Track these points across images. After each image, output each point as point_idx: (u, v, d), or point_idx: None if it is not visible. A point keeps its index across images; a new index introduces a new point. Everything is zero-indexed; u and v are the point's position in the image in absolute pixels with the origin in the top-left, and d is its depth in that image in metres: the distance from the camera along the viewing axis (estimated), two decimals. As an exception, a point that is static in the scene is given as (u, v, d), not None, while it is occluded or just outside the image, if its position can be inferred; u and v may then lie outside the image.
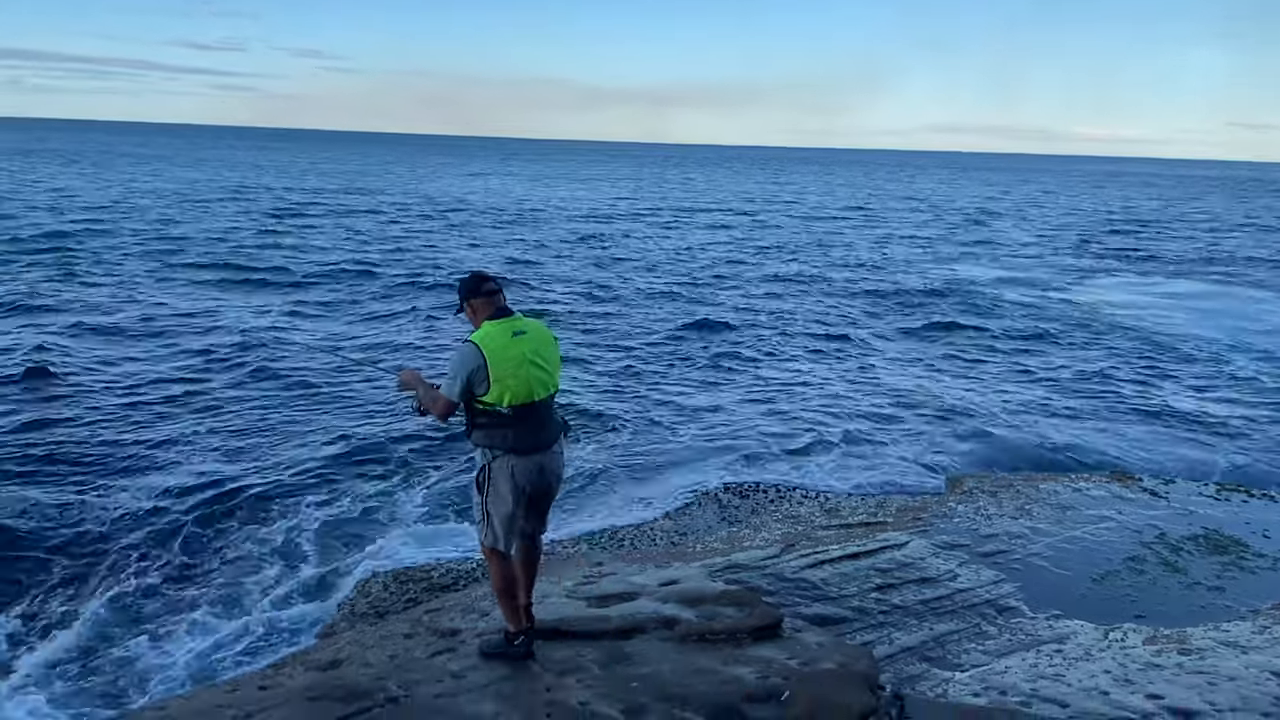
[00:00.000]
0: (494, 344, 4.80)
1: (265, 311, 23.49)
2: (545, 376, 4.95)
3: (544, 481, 5.05)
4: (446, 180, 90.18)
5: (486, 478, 4.97)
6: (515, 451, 4.90)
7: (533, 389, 4.88)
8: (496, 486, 4.95)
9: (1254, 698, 5.74)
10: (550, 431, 5.05)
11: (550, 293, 27.82)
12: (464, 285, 5.08)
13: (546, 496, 5.17)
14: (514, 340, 4.84)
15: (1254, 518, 9.81)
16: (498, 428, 4.87)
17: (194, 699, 5.11)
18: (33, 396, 15.65)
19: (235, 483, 12.13)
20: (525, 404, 4.86)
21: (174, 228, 39.99)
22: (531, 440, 4.93)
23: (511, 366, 4.79)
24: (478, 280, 5.05)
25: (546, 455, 5.02)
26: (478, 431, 4.94)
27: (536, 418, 4.93)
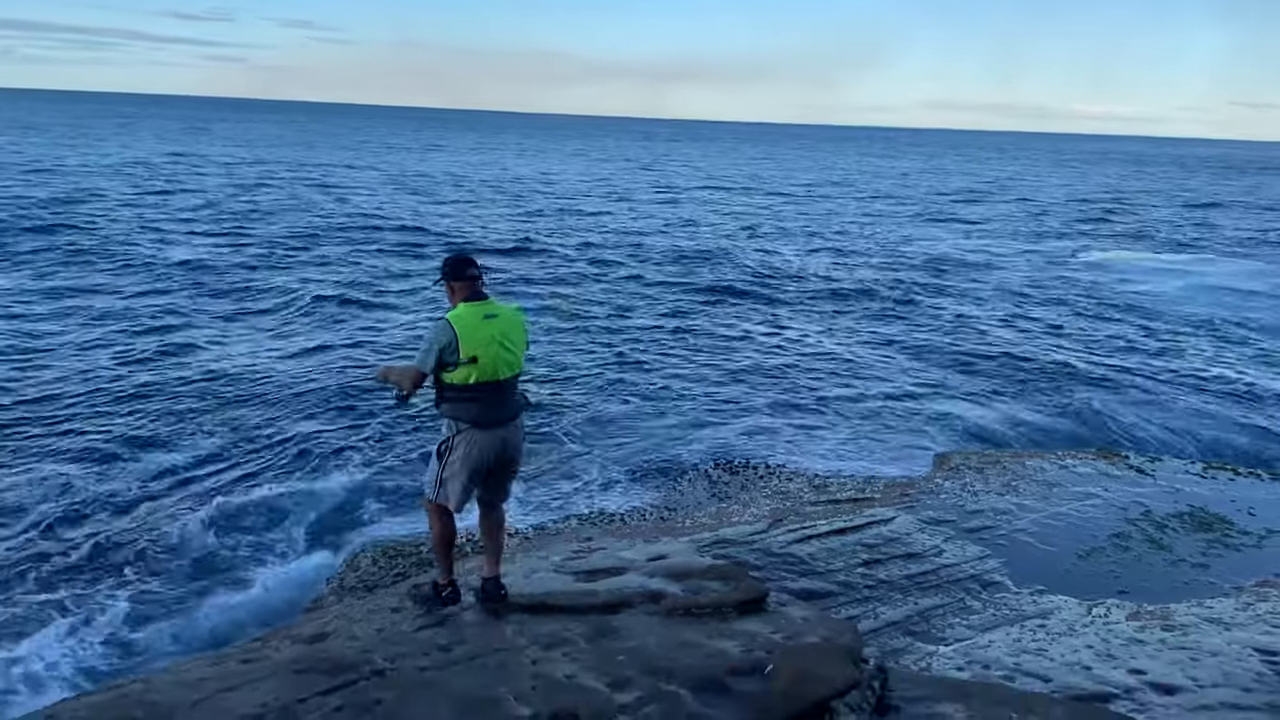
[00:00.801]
0: (466, 323, 5.14)
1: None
2: (511, 358, 5.28)
3: (505, 454, 5.41)
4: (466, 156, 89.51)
5: (449, 448, 5.33)
6: (478, 425, 5.26)
7: (498, 368, 5.22)
8: (456, 457, 5.31)
9: (1236, 673, 5.79)
10: (511, 408, 5.39)
11: (553, 267, 27.73)
12: (448, 265, 5.37)
13: (507, 468, 5.53)
14: (485, 322, 5.18)
15: (1240, 495, 9.86)
16: (463, 402, 5.23)
17: (178, 671, 5.10)
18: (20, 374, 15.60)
19: (222, 460, 12.13)
20: (490, 382, 5.21)
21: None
22: (494, 415, 5.29)
23: (481, 346, 5.13)
24: (461, 264, 5.34)
25: (508, 429, 5.37)
26: (445, 404, 5.29)
27: (500, 395, 5.29)
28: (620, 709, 4.36)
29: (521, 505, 11.11)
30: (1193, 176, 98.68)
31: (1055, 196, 65.40)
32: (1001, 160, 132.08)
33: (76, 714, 4.41)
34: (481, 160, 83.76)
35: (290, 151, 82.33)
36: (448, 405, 5.27)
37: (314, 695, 4.53)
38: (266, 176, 55.16)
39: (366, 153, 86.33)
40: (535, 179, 64.37)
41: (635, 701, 4.42)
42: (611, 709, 4.35)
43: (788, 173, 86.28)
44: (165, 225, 32.25)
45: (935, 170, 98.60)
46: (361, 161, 73.65)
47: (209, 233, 31.47)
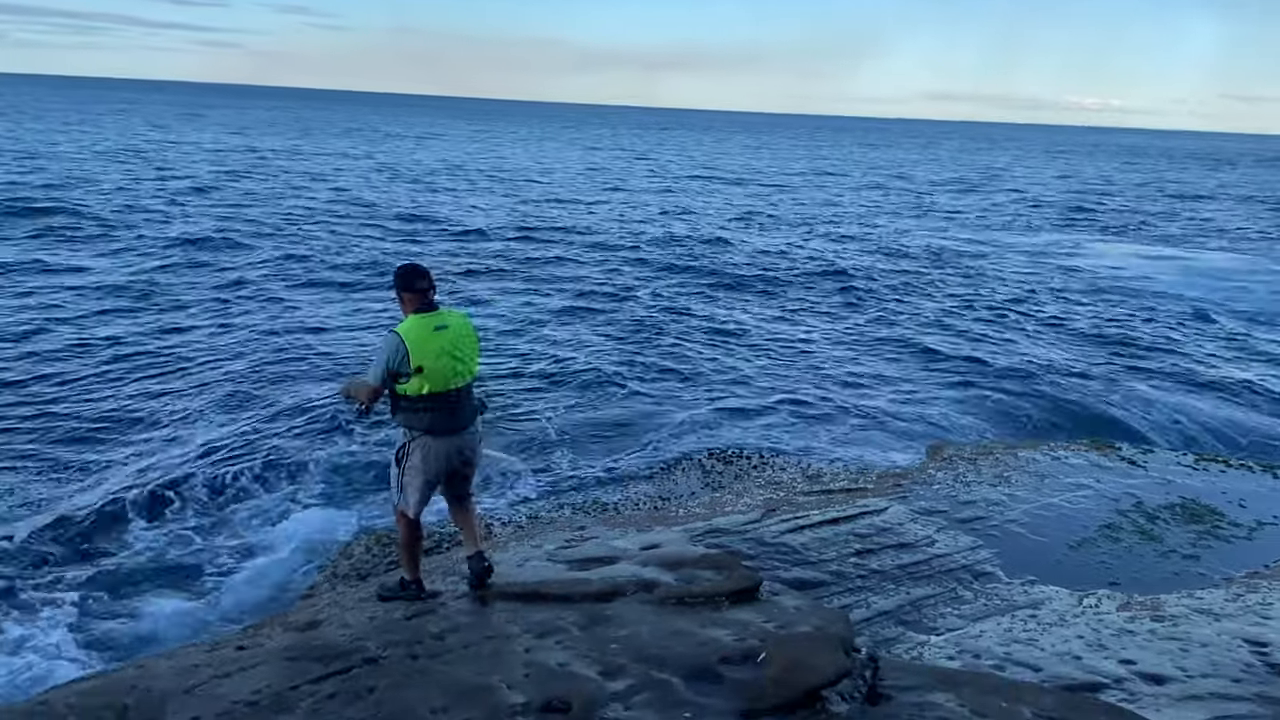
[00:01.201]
0: (415, 335, 5.25)
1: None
2: (462, 367, 5.39)
3: (460, 459, 5.57)
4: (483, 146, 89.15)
5: (405, 454, 5.48)
6: (432, 433, 5.40)
7: (449, 379, 5.34)
8: (413, 463, 5.46)
9: (1225, 664, 5.83)
10: (465, 415, 5.52)
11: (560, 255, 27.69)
12: (399, 278, 5.48)
13: (464, 471, 5.68)
14: (435, 334, 5.29)
15: (1231, 487, 9.90)
16: (417, 412, 5.37)
17: (173, 657, 5.10)
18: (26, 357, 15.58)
19: (215, 452, 12.11)
20: (441, 392, 5.33)
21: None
22: (447, 424, 5.42)
23: (431, 358, 5.25)
24: (411, 275, 5.44)
25: (461, 437, 5.51)
26: (400, 414, 5.44)
27: (453, 405, 5.41)
28: (613, 697, 4.37)
29: (515, 494, 11.12)
30: (1183, 169, 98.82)
31: (1048, 188, 65.43)
32: (994, 151, 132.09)
33: (69, 700, 4.41)
34: (479, 148, 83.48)
35: (284, 138, 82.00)
36: (402, 415, 5.42)
37: (307, 682, 4.54)
38: (258, 163, 54.95)
39: (361, 140, 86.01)
40: (532, 167, 64.22)
41: (627, 689, 4.44)
42: (604, 697, 4.37)
43: (783, 162, 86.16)
44: (157, 208, 32.14)
45: (928, 161, 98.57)
46: (357, 150, 73.39)
47: (200, 216, 31.36)
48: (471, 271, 25.27)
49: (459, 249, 28.52)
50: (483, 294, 22.62)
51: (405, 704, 4.31)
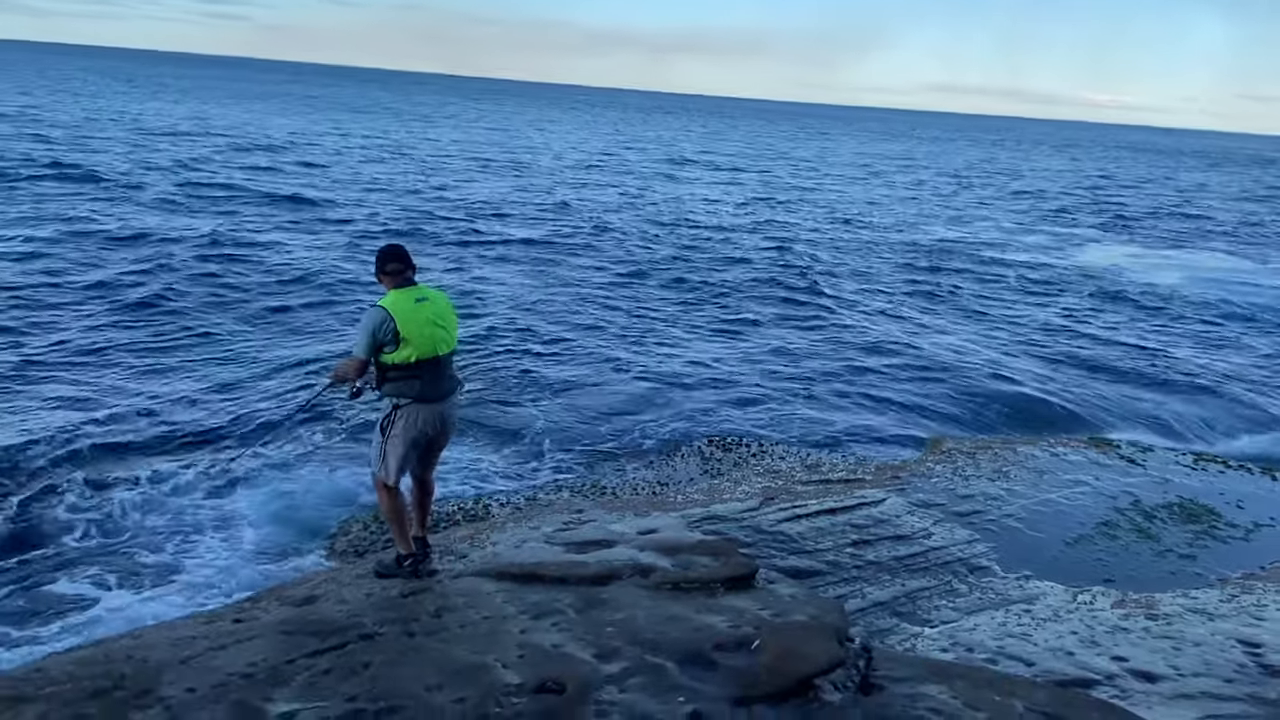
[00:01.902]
0: (400, 308, 5.50)
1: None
2: (445, 335, 5.66)
3: (442, 427, 5.78)
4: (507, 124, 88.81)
5: (390, 422, 5.65)
6: (421, 400, 5.60)
7: (436, 345, 5.59)
8: (397, 431, 5.64)
9: (1218, 664, 5.85)
10: (449, 384, 5.77)
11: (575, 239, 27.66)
12: (380, 258, 5.76)
13: (441, 440, 5.89)
14: (417, 305, 5.56)
15: (1229, 488, 9.92)
16: (405, 380, 5.57)
17: (170, 629, 5.12)
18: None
19: (215, 417, 12.12)
20: (430, 358, 5.57)
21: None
22: (434, 390, 5.64)
23: (416, 327, 5.50)
24: (389, 256, 5.73)
25: (445, 404, 5.73)
26: (388, 384, 5.63)
27: (439, 371, 5.65)
28: (607, 679, 4.39)
29: (512, 475, 11.13)
30: (1193, 169, 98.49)
31: (1058, 185, 65.25)
32: (1003, 146, 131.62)
33: (66, 668, 4.42)
34: (490, 129, 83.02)
35: (294, 116, 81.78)
36: (390, 385, 5.62)
37: (302, 657, 4.56)
38: (263, 138, 54.80)
39: (367, 118, 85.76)
40: (543, 149, 64.01)
41: (622, 672, 4.46)
42: (598, 679, 4.38)
43: (790, 149, 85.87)
44: (164, 186, 32.09)
45: (939, 154, 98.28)
46: (360, 129, 73.21)
47: (209, 196, 31.32)
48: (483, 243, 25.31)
49: (470, 231, 28.48)
50: (489, 272, 22.61)
51: (400, 680, 4.33)
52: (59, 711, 4.01)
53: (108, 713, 4.01)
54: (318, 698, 4.16)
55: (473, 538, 7.10)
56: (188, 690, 4.22)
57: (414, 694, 4.21)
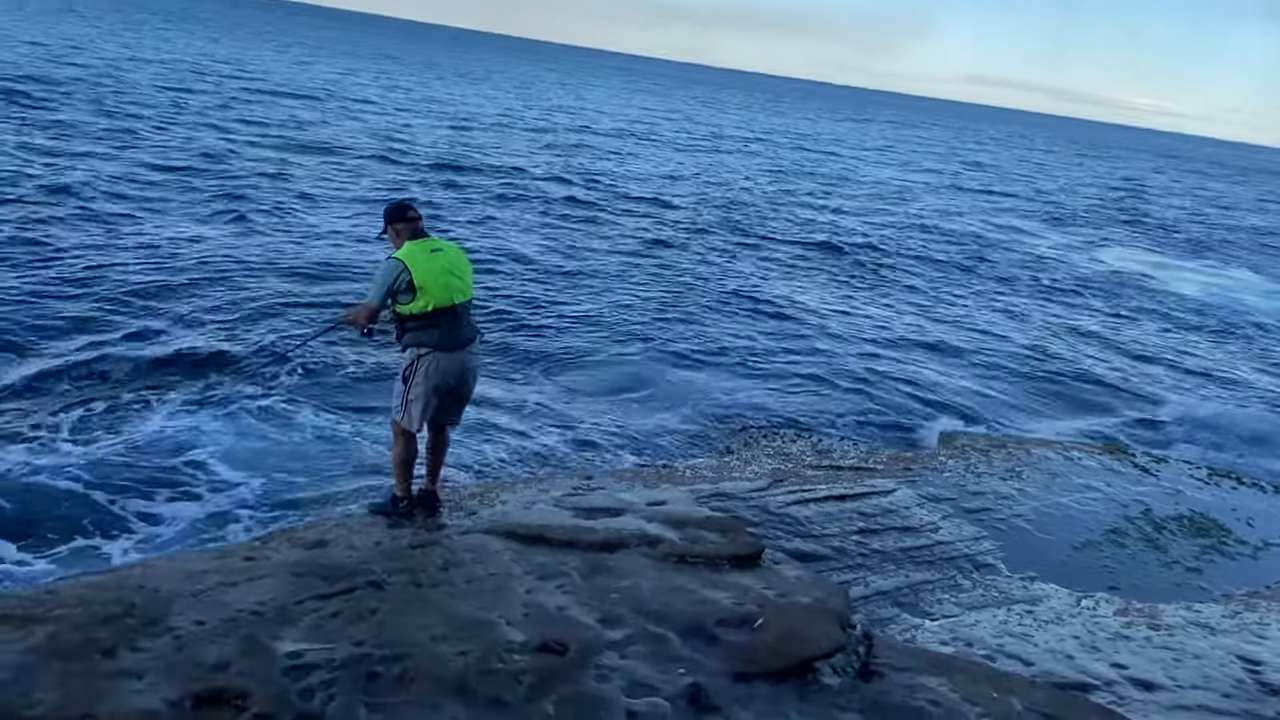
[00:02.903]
0: (416, 259, 5.65)
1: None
2: (461, 284, 5.82)
3: (464, 376, 5.94)
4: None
5: (412, 371, 5.78)
6: (440, 349, 5.75)
7: (453, 294, 5.74)
8: (419, 379, 5.78)
9: (1216, 678, 5.85)
10: (468, 333, 5.93)
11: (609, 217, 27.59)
12: (391, 212, 5.96)
13: (463, 390, 6.05)
14: (433, 255, 5.72)
15: (1241, 505, 9.86)
16: (425, 329, 5.72)
17: (181, 561, 5.20)
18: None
19: (232, 347, 12.18)
20: (447, 307, 5.72)
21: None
22: (453, 339, 5.80)
23: (433, 276, 5.64)
24: (402, 208, 5.94)
25: (465, 353, 5.89)
26: (408, 335, 5.78)
27: (456, 319, 5.80)
28: (609, 645, 4.43)
29: (525, 438, 11.17)
30: (1239, 182, 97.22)
31: (1087, 186, 64.55)
32: (1041, 144, 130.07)
33: (78, 592, 4.49)
34: (537, 95, 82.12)
35: (330, 65, 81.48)
36: (411, 334, 5.76)
37: (311, 599, 4.62)
38: (288, 81, 54.65)
39: (403, 76, 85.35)
40: (585, 113, 63.66)
41: (624, 639, 4.49)
42: (600, 644, 4.42)
43: (837, 135, 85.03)
44: (182, 120, 32.11)
45: (974, 148, 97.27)
46: (405, 82, 72.92)
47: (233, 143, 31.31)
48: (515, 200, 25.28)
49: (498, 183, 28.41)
50: (516, 239, 22.60)
51: (406, 629, 4.38)
52: (69, 634, 4.08)
53: (117, 638, 4.08)
54: (325, 640, 4.22)
55: (482, 496, 7.15)
56: (197, 622, 4.28)
57: (419, 643, 4.26)
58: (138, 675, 3.82)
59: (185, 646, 4.07)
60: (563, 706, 3.92)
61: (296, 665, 3.99)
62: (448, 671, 4.07)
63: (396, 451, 6.09)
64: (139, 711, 3.57)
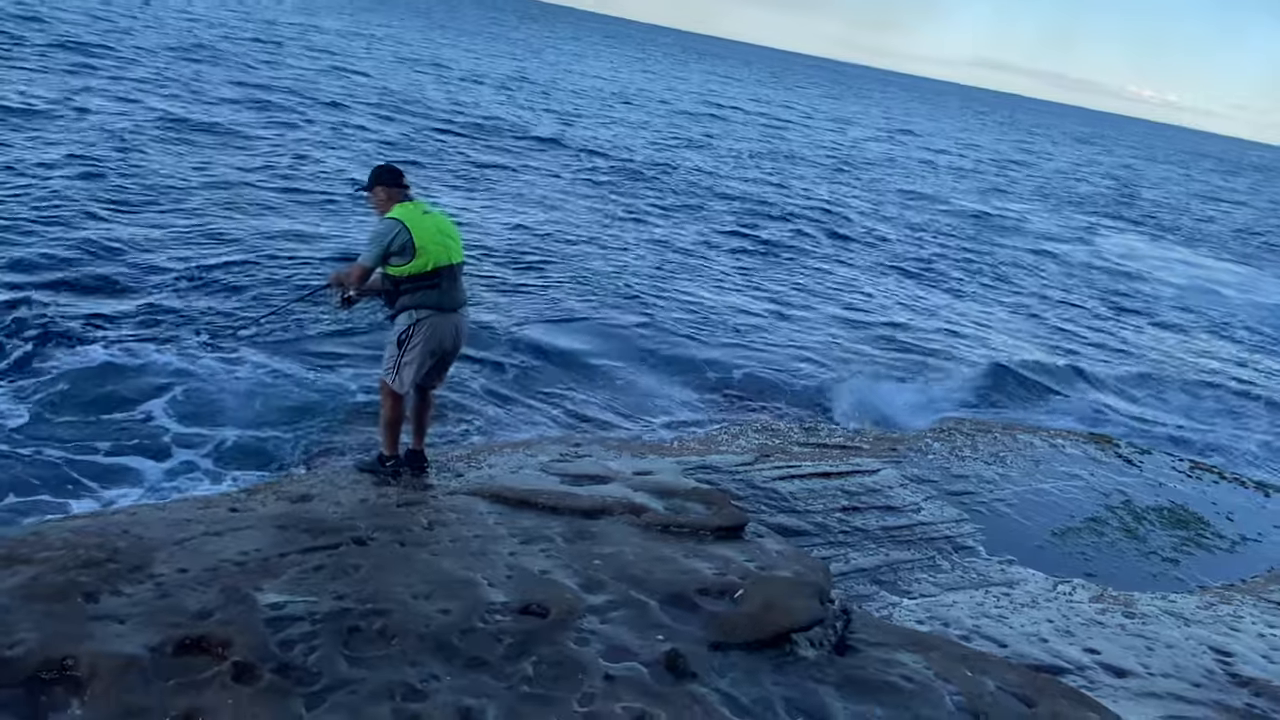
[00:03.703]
0: (412, 220, 5.66)
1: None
2: (454, 245, 5.84)
3: (456, 337, 5.97)
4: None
5: (409, 335, 5.78)
6: (439, 309, 5.77)
7: (450, 254, 5.77)
8: (417, 342, 5.79)
9: (1188, 667, 5.93)
10: (463, 294, 5.99)
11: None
12: (383, 173, 5.91)
13: (455, 353, 6.09)
14: (425, 216, 5.75)
15: (1221, 499, 9.95)
16: (424, 290, 5.72)
17: (166, 510, 5.20)
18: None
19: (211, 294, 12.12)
20: (446, 266, 5.74)
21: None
22: (451, 299, 5.83)
23: (429, 235, 5.67)
24: (396, 173, 5.92)
25: (459, 315, 5.93)
26: (404, 298, 5.75)
27: (454, 280, 5.84)
28: (590, 609, 4.46)
29: (513, 402, 11.17)
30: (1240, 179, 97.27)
31: (1092, 180, 64.50)
32: (1048, 136, 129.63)
33: (63, 535, 4.50)
34: (546, 61, 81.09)
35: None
36: (408, 296, 5.73)
37: (295, 552, 4.64)
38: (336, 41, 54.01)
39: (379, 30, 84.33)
40: (586, 80, 63.13)
41: (605, 604, 4.53)
42: (582, 608, 4.45)
43: (852, 114, 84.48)
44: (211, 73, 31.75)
45: (991, 137, 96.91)
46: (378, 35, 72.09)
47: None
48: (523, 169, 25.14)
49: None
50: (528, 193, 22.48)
51: (388, 585, 4.41)
52: (52, 576, 4.09)
53: (100, 583, 4.09)
54: (307, 593, 4.24)
55: (470, 458, 7.17)
56: (180, 570, 4.30)
57: (401, 600, 4.29)
58: (119, 620, 3.84)
59: (168, 594, 4.08)
60: (541, 667, 3.95)
61: (278, 616, 4.01)
62: (429, 629, 4.10)
63: (384, 412, 6.09)
64: (120, 655, 3.59)
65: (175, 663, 3.64)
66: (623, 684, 3.93)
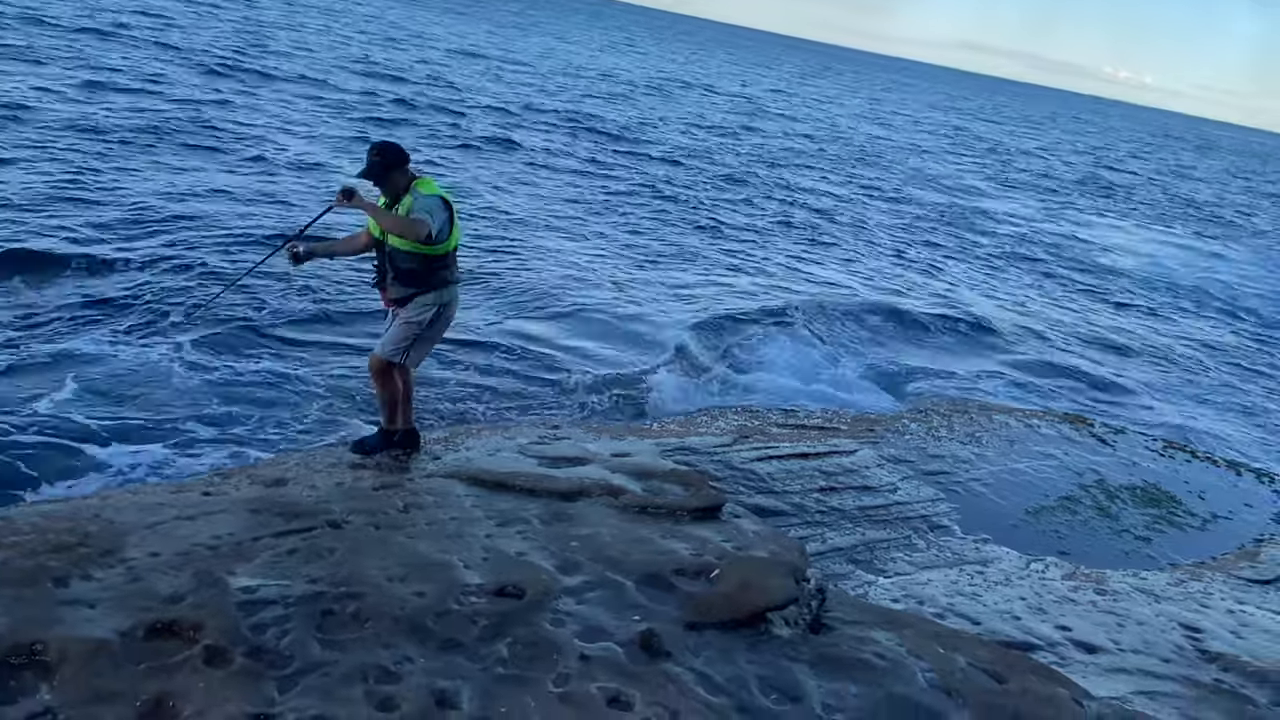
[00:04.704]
0: (449, 199, 5.63)
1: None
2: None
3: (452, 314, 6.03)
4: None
5: (437, 316, 5.80)
6: (458, 283, 5.87)
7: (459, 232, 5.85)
8: (440, 324, 5.87)
9: (1157, 643, 6.01)
10: None
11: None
12: (398, 154, 5.56)
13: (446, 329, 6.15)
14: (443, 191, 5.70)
15: (1193, 478, 10.08)
16: (450, 267, 5.77)
17: (138, 494, 5.17)
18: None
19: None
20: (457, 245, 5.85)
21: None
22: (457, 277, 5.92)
23: (455, 216, 5.66)
24: (402, 150, 5.62)
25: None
26: (436, 276, 5.70)
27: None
28: (566, 590, 4.46)
29: (491, 385, 11.14)
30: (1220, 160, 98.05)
31: (1072, 160, 64.86)
32: (1035, 120, 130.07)
33: (32, 520, 4.46)
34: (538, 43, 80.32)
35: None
36: (438, 275, 5.69)
37: (269, 536, 4.61)
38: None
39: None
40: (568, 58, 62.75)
41: (581, 585, 4.53)
42: (557, 589, 4.46)
43: (832, 98, 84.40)
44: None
45: (977, 119, 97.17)
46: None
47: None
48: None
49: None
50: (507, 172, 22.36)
51: (363, 569, 4.39)
52: (21, 561, 4.05)
53: (70, 567, 4.06)
54: (280, 576, 4.22)
55: (447, 441, 7.14)
56: (151, 554, 4.27)
57: (376, 583, 4.28)
58: (90, 604, 3.81)
59: (139, 577, 4.06)
60: (517, 648, 3.96)
61: (250, 600, 3.99)
62: (403, 611, 4.09)
63: (396, 388, 6.05)
64: (90, 640, 3.57)
65: (146, 647, 3.62)
66: (598, 664, 3.94)
